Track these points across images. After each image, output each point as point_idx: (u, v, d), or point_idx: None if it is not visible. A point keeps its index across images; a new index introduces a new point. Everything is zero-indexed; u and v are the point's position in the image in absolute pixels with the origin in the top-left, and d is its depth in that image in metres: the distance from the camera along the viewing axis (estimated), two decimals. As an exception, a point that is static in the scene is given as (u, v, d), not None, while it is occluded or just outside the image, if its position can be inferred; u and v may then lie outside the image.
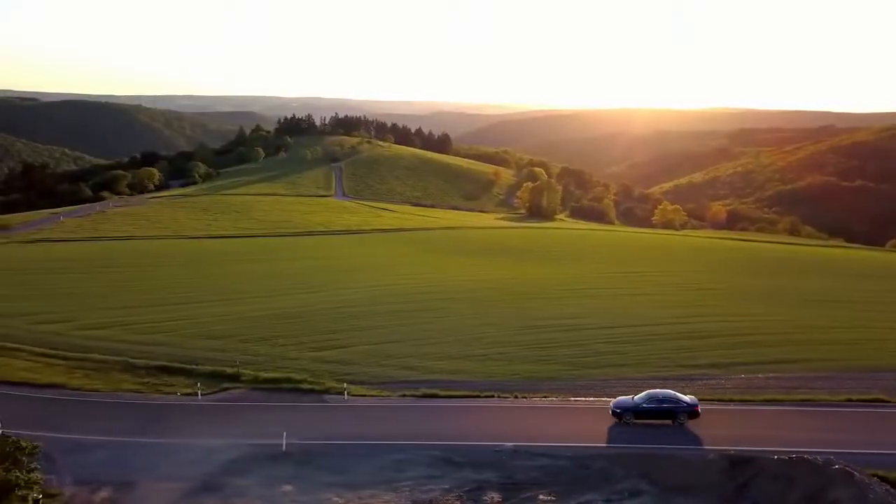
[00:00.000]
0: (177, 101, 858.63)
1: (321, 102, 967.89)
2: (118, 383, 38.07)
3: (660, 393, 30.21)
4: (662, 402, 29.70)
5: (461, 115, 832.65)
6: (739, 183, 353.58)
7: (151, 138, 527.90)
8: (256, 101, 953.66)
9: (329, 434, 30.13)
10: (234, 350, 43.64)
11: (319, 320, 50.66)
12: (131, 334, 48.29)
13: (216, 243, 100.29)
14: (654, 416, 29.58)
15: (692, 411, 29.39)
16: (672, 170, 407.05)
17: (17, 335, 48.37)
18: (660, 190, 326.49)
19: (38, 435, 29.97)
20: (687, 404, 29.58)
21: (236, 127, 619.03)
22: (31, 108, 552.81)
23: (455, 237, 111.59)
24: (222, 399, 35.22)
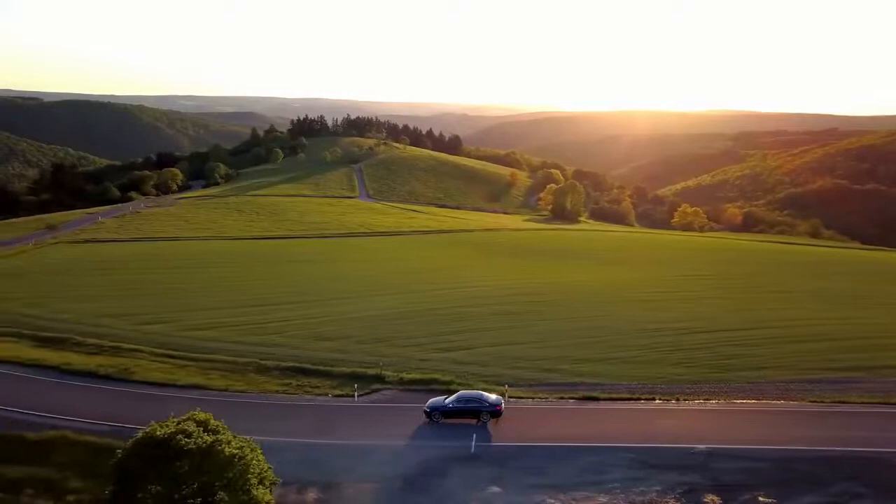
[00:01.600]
0: (178, 102, 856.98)
1: (322, 103, 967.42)
2: (261, 384, 38.09)
3: (467, 394, 32.16)
4: (468, 402, 31.48)
5: (463, 117, 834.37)
6: (748, 186, 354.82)
7: (154, 138, 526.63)
8: (257, 102, 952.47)
9: (509, 436, 30.20)
10: (355, 351, 43.71)
11: (424, 321, 50.70)
12: (242, 335, 48.23)
13: (270, 244, 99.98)
14: (461, 415, 31.24)
15: (494, 411, 31.20)
16: (677, 172, 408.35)
17: (129, 335, 48.44)
18: (668, 192, 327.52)
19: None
20: (490, 404, 31.35)
21: (239, 127, 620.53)
22: (33, 107, 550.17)
23: (500, 239, 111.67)
24: (378, 400, 35.24)
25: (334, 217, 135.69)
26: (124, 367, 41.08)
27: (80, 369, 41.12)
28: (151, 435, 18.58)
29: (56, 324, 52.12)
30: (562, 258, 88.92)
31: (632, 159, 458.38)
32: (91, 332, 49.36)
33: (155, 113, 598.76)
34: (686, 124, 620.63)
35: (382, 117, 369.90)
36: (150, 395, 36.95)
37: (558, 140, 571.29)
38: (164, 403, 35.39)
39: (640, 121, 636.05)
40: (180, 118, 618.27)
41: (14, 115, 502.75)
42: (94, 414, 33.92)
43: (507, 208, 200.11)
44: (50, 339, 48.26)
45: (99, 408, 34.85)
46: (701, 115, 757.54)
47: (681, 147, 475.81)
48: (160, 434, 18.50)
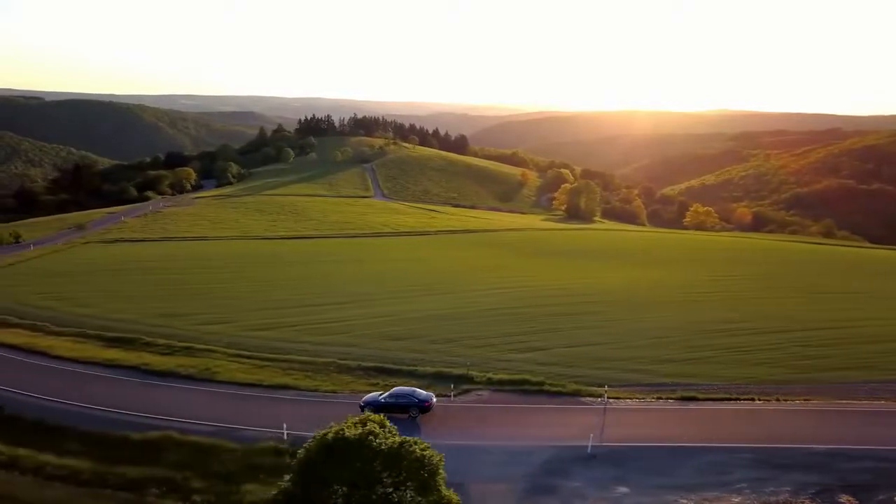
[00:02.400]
0: (178, 101, 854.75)
1: (321, 103, 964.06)
2: (348, 384, 38.08)
3: (400, 390, 33.53)
4: (399, 398, 32.80)
5: (463, 117, 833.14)
6: (753, 185, 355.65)
7: (156, 138, 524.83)
8: (257, 102, 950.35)
9: (620, 437, 30.25)
10: (429, 351, 43.72)
11: (487, 322, 50.71)
12: (307, 335, 48.18)
13: (301, 244, 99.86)
14: (392, 409, 32.07)
15: (423, 406, 32.44)
16: (679, 172, 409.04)
17: (194, 335, 48.39)
18: (672, 192, 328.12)
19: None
20: (419, 400, 32.60)
21: (241, 127, 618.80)
22: (35, 107, 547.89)
23: (527, 239, 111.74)
24: (474, 400, 35.25)
25: (355, 217, 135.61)
26: (205, 368, 41.01)
27: (160, 369, 41.06)
28: (343, 436, 18.52)
29: (116, 324, 52.01)
30: (596, 258, 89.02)
31: (633, 159, 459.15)
32: (156, 332, 49.31)
33: (157, 112, 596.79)
34: (685, 124, 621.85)
35: (384, 117, 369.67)
36: (241, 395, 36.90)
37: (558, 140, 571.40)
38: (259, 404, 35.61)
39: (640, 121, 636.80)
40: (182, 118, 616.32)
41: (16, 115, 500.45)
42: (193, 414, 33.87)
43: (520, 208, 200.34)
44: (118, 339, 48.15)
45: (194, 408, 34.80)
46: (700, 115, 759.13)
47: (681, 147, 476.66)
48: (351, 435, 18.45)
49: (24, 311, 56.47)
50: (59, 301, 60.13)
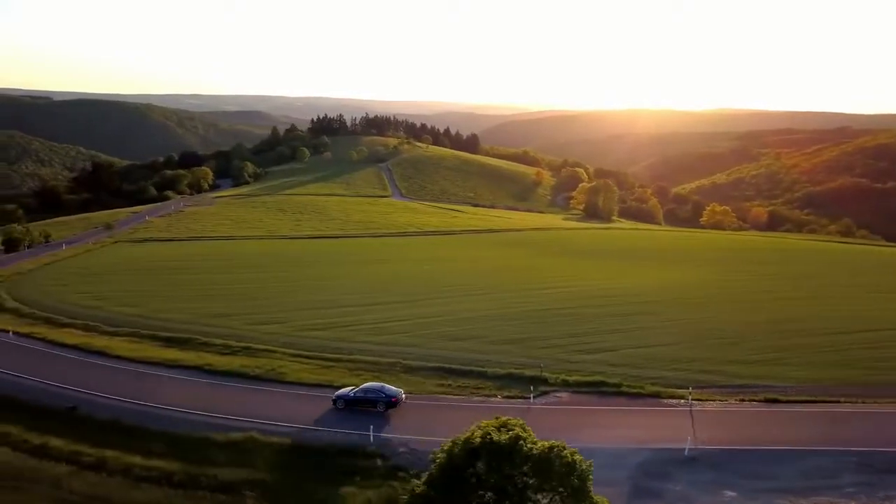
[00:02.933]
0: (184, 101, 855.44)
1: (326, 102, 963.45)
2: (419, 385, 37.63)
3: (371, 385, 34.71)
4: (368, 393, 34.04)
5: (468, 116, 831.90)
6: (765, 185, 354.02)
7: (163, 137, 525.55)
8: (262, 101, 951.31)
9: (716, 439, 29.75)
10: (490, 351, 43.20)
11: (542, 323, 50.21)
12: (363, 335, 47.75)
13: (331, 244, 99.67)
14: (361, 403, 33.70)
15: (390, 402, 33.64)
16: (687, 171, 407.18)
17: (250, 335, 48.08)
18: (682, 191, 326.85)
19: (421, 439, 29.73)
20: (386, 395, 33.85)
21: (247, 126, 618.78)
22: (43, 106, 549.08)
23: (556, 239, 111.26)
24: (555, 402, 34.81)
25: (378, 216, 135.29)
26: (270, 368, 40.67)
27: (224, 370, 40.75)
28: (491, 440, 18.07)
29: (166, 323, 51.76)
30: (629, 257, 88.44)
31: (639, 158, 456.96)
32: (210, 333, 48.97)
33: (164, 112, 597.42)
34: (688, 123, 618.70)
35: (395, 116, 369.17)
36: (313, 396, 36.47)
37: (563, 139, 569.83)
38: (331, 405, 35.05)
39: (643, 120, 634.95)
40: (189, 117, 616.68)
41: (24, 115, 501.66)
42: (268, 415, 33.46)
43: (537, 207, 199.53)
44: (173, 339, 47.89)
45: (268, 409, 34.40)
46: (702, 114, 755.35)
47: (686, 146, 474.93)
48: (502, 439, 17.99)
49: (71, 310, 56.30)
50: (102, 300, 59.94)
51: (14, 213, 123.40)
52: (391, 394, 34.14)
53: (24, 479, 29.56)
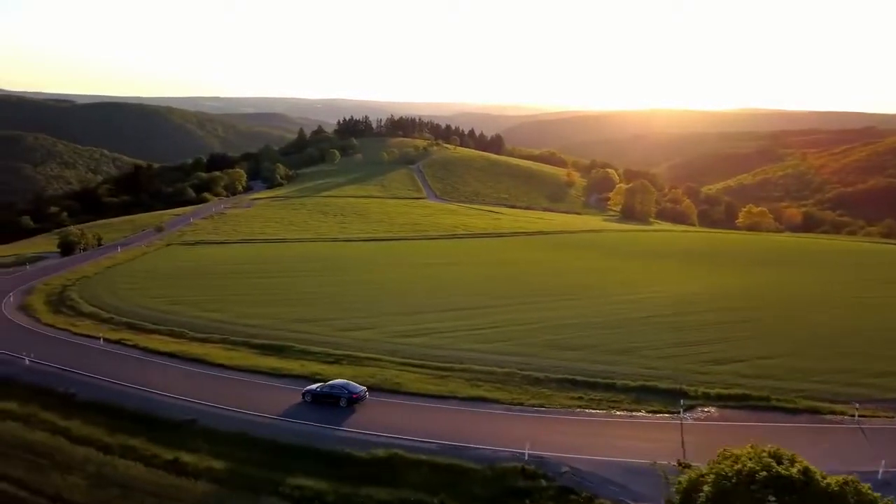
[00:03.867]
0: (203, 103, 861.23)
1: (343, 104, 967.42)
2: (549, 397, 35.68)
3: (335, 382, 36.31)
4: (333, 389, 35.58)
5: (485, 117, 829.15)
6: (794, 185, 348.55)
7: (184, 139, 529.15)
8: (279, 103, 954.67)
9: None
10: (608, 362, 41.05)
11: (651, 330, 48.19)
12: (463, 342, 45.76)
13: (385, 246, 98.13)
14: (325, 398, 35.29)
15: (351, 398, 34.99)
16: (711, 171, 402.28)
17: (346, 343, 46.43)
18: (708, 192, 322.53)
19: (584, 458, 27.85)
20: (349, 391, 35.24)
21: (267, 128, 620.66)
22: (67, 109, 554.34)
23: (614, 241, 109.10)
24: (707, 418, 32.68)
25: (421, 218, 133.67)
26: (385, 378, 38.89)
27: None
28: (781, 474, 16.13)
29: (251, 329, 50.30)
30: (698, 260, 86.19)
31: (660, 158, 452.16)
32: (302, 339, 47.38)
33: (184, 114, 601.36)
34: (710, 123, 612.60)
35: (420, 118, 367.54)
36: (441, 408, 34.65)
37: (581, 139, 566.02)
38: (473, 419, 33.30)
39: (662, 120, 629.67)
40: (209, 119, 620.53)
41: (48, 118, 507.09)
42: (408, 430, 31.63)
43: (572, 208, 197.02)
44: (266, 346, 46.40)
45: (403, 423, 32.58)
46: (724, 114, 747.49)
47: (709, 146, 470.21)
48: (794, 473, 16.03)
49: (151, 315, 55.01)
50: (179, 304, 58.63)
51: (59, 216, 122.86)
52: (354, 390, 35.48)
53: (165, 497, 28.09)
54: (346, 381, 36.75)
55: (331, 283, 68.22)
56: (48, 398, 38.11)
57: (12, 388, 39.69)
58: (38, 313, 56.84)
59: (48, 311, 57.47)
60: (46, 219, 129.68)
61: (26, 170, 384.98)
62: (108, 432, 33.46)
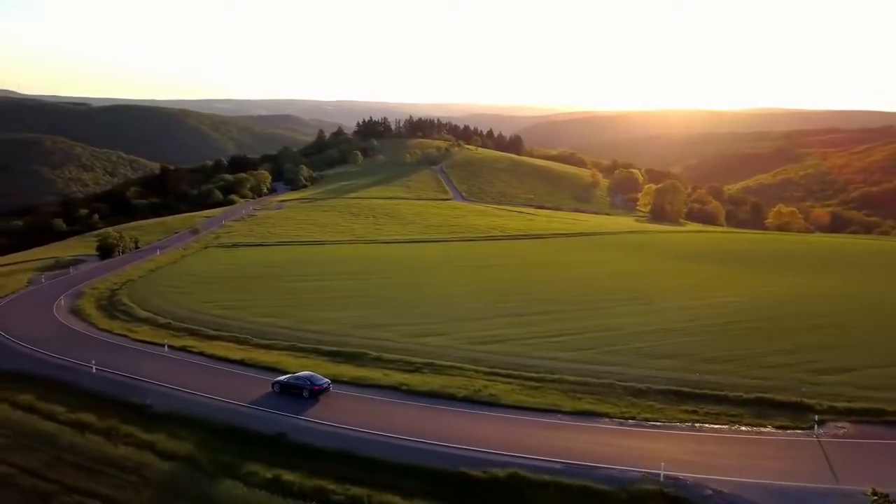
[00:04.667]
0: (216, 105, 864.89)
1: (354, 105, 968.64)
2: (660, 411, 33.36)
3: (302, 374, 37.73)
4: (298, 380, 36.95)
5: (497, 118, 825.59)
6: (816, 185, 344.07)
7: (199, 142, 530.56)
8: (291, 105, 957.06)
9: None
10: (710, 371, 38.59)
11: (733, 336, 45.86)
12: (547, 350, 43.49)
13: (433, 248, 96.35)
14: (290, 388, 36.69)
15: (312, 389, 36.21)
16: (728, 172, 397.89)
17: (418, 349, 44.38)
18: (729, 192, 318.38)
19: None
20: (311, 383, 36.53)
21: (281, 130, 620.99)
22: (84, 113, 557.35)
23: (659, 242, 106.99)
24: (843, 435, 30.19)
25: (454, 219, 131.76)
26: (476, 389, 36.72)
27: (424, 390, 36.87)
28: None
29: (315, 335, 48.26)
30: (753, 262, 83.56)
31: (676, 159, 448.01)
32: (372, 345, 45.24)
33: (199, 117, 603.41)
34: (725, 123, 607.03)
35: (438, 119, 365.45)
36: (547, 423, 32.36)
37: (595, 140, 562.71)
38: (583, 435, 31.05)
39: (676, 120, 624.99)
40: (223, 121, 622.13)
41: (65, 121, 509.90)
42: (522, 446, 29.45)
43: (600, 209, 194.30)
44: (336, 353, 44.37)
45: (516, 439, 30.36)
46: (738, 114, 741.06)
47: (724, 146, 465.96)
48: None
49: (210, 320, 53.18)
50: (235, 309, 56.74)
51: (90, 218, 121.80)
52: (317, 382, 36.83)
53: (275, 521, 26.06)
54: (311, 373, 38.28)
55: (384, 286, 66.27)
56: (124, 409, 36.30)
57: (83, 398, 37.93)
58: (93, 318, 55.18)
59: (102, 316, 55.79)
60: (77, 221, 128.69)
61: (45, 172, 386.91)
62: (196, 447, 31.50)
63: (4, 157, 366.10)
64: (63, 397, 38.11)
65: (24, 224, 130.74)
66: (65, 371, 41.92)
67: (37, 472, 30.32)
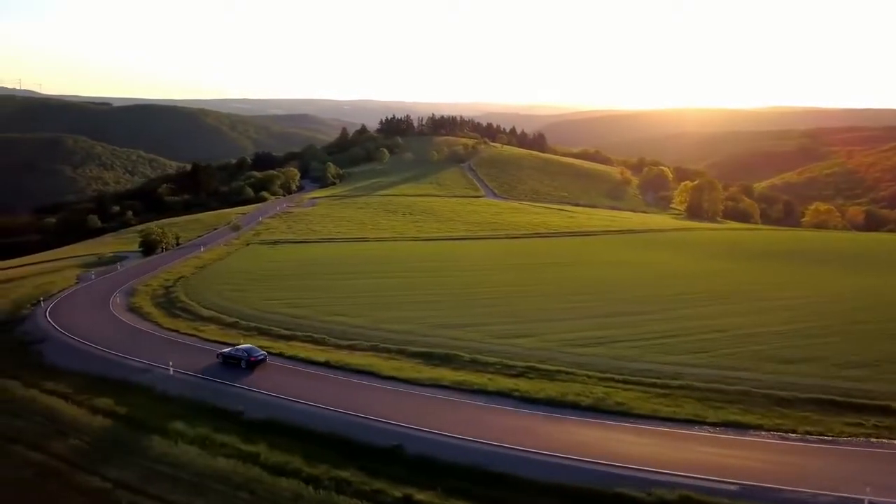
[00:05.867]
0: (233, 105, 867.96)
1: (371, 105, 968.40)
2: (819, 423, 29.73)
3: (242, 346, 40.38)
4: (237, 351, 39.55)
5: (513, 117, 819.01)
6: (843, 183, 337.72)
7: (217, 141, 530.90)
8: (307, 104, 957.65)
9: None
10: (844, 377, 35.01)
11: (853, 339, 42.06)
12: (650, 353, 39.78)
13: (481, 245, 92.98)
14: (230, 360, 39.28)
15: (249, 361, 38.83)
16: (751, 170, 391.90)
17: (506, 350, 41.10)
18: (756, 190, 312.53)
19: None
20: (248, 355, 39.13)
21: (298, 129, 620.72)
22: (104, 112, 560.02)
23: (708, 239, 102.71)
24: None
25: (494, 216, 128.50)
26: (599, 398, 33.14)
27: (541, 397, 33.37)
28: None
29: (400, 336, 44.97)
30: (827, 262, 79.39)
31: (696, 157, 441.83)
32: (462, 347, 41.89)
33: (217, 116, 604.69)
34: (743, 122, 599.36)
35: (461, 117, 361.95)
36: (694, 436, 28.86)
37: (614, 139, 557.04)
38: (741, 450, 27.53)
39: (694, 118, 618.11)
40: (241, 121, 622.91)
41: (87, 120, 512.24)
42: (677, 464, 26.01)
43: (634, 206, 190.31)
44: (425, 354, 41.03)
45: (661, 452, 26.97)
46: (756, 113, 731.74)
47: (744, 145, 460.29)
48: None
49: (278, 319, 50.14)
50: (299, 308, 53.66)
51: (124, 215, 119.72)
52: (253, 354, 39.40)
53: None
54: (250, 345, 41.00)
55: (446, 284, 62.99)
56: (213, 416, 33.31)
57: (166, 403, 35.00)
58: (153, 316, 52.40)
59: (164, 315, 52.98)
60: (111, 218, 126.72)
61: (66, 171, 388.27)
62: (304, 460, 28.36)
63: (30, 156, 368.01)
64: (144, 402, 35.26)
65: (57, 221, 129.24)
66: (140, 373, 39.09)
67: (133, 487, 27.37)
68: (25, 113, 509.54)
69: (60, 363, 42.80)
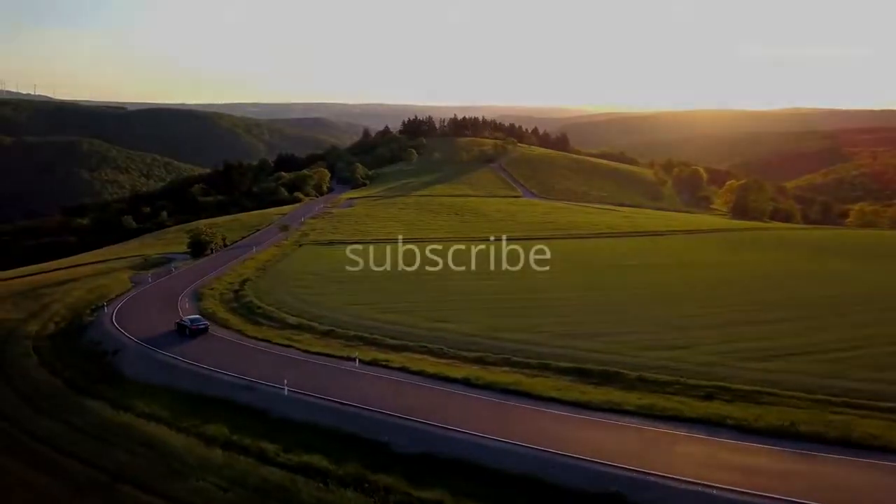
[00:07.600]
0: (245, 109, 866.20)
1: (383, 108, 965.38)
2: None
3: (189, 317, 45.62)
4: (183, 321, 44.39)
5: (527, 119, 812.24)
6: (873, 185, 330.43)
7: (233, 144, 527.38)
8: (320, 108, 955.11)
9: None
10: None
11: None
12: (865, 370, 33.23)
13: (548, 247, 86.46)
14: (179, 328, 44.06)
15: (191, 329, 43.55)
16: (776, 171, 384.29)
17: (661, 365, 34.81)
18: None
19: None
20: (192, 323, 44.12)
21: (311, 132, 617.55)
22: (119, 116, 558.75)
23: (788, 239, 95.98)
24: None
25: (545, 216, 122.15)
26: (842, 428, 26.71)
27: (759, 426, 26.90)
28: None
29: (522, 347, 38.89)
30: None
31: (720, 159, 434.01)
32: (610, 361, 35.50)
33: (232, 119, 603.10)
34: (761, 123, 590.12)
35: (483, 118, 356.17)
36: None
37: (631, 140, 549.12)
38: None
39: (710, 120, 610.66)
40: (256, 124, 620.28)
41: (102, 124, 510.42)
42: None
43: (675, 206, 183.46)
44: (578, 370, 34.81)
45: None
46: (774, 114, 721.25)
47: (768, 147, 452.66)
48: None
49: (378, 327, 44.10)
50: (396, 314, 47.53)
51: (159, 216, 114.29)
52: (196, 323, 43.88)
53: None
54: (197, 316, 46.07)
55: (545, 288, 56.57)
56: (355, 448, 27.09)
57: (295, 432, 28.78)
58: (232, 323, 46.42)
59: (244, 322, 46.98)
60: (146, 218, 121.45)
61: (83, 174, 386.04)
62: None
63: (48, 160, 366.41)
64: (264, 429, 29.10)
65: (91, 222, 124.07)
66: (247, 392, 33.02)
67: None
68: (41, 117, 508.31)
69: (142, 378, 36.98)
